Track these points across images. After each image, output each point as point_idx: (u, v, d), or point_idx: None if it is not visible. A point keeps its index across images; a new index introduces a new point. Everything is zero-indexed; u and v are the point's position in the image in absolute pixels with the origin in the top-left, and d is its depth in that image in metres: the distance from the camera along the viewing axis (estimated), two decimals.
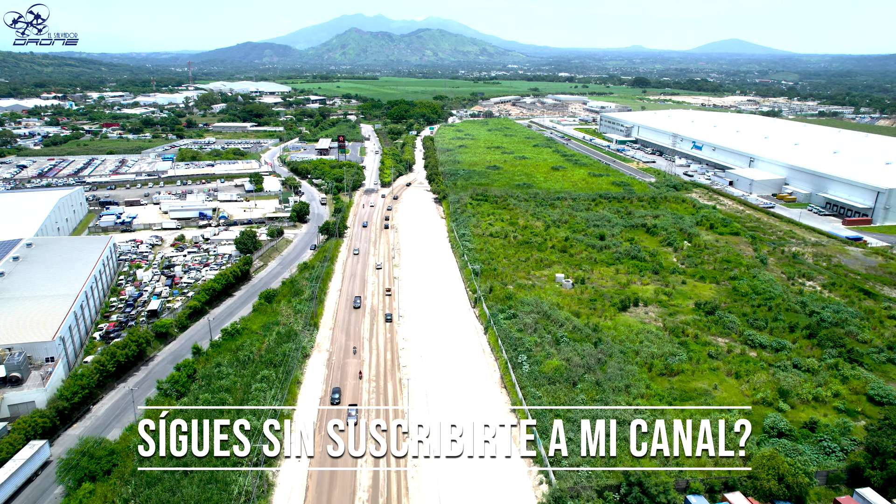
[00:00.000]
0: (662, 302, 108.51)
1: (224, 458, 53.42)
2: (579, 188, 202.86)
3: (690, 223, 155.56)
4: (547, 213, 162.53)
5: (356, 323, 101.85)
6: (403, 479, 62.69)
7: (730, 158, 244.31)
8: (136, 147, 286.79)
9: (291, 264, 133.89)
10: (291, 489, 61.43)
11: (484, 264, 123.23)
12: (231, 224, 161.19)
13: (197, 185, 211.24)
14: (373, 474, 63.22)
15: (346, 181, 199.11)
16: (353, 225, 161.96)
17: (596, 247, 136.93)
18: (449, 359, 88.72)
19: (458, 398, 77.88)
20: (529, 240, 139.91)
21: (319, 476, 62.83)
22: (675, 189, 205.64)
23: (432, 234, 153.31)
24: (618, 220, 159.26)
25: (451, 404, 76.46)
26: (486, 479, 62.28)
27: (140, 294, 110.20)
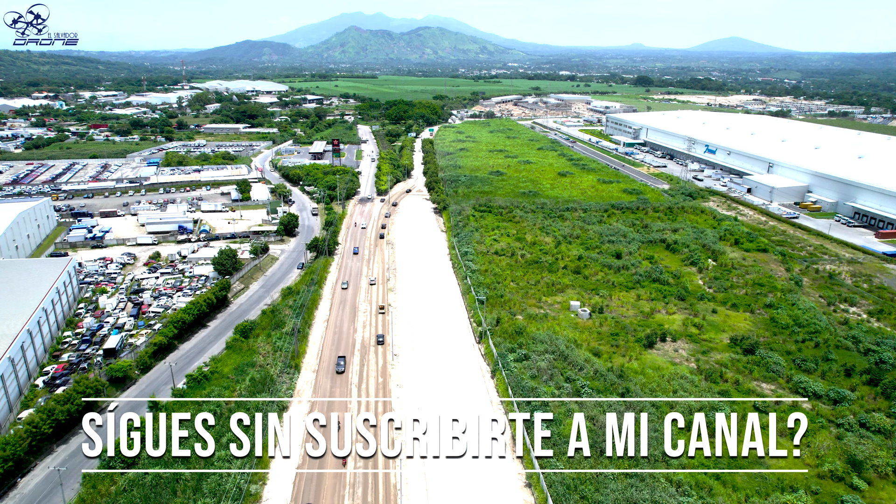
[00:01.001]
0: (693, 336, 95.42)
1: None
2: (589, 196, 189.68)
3: (713, 238, 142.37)
4: (557, 227, 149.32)
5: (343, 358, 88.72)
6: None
7: (746, 163, 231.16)
8: (121, 150, 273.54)
9: (275, 287, 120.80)
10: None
11: (489, 289, 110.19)
12: (212, 239, 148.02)
13: (181, 192, 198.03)
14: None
15: (340, 190, 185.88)
16: (345, 240, 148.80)
17: (612, 267, 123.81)
18: (452, 414, 75.55)
19: (463, 471, 64.79)
20: (539, 259, 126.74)
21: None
22: (691, 197, 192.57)
23: (432, 250, 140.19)
24: (634, 234, 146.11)
25: (455, 480, 63.37)
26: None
27: (100, 326, 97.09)
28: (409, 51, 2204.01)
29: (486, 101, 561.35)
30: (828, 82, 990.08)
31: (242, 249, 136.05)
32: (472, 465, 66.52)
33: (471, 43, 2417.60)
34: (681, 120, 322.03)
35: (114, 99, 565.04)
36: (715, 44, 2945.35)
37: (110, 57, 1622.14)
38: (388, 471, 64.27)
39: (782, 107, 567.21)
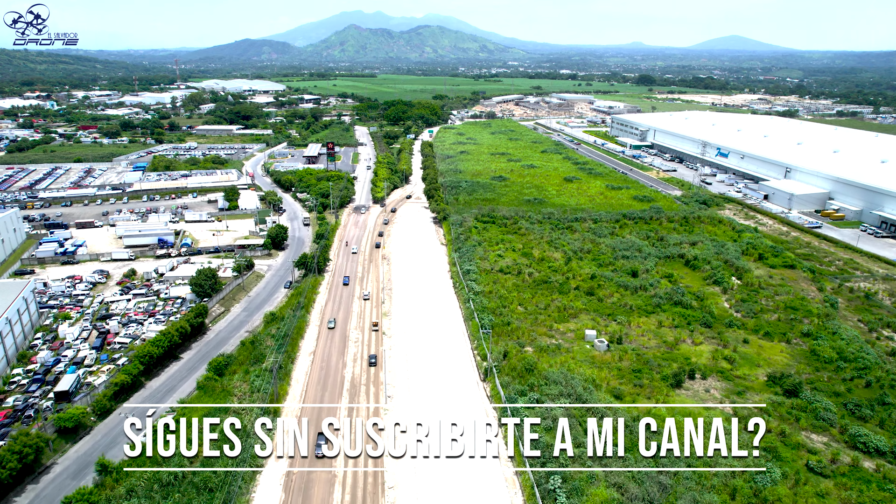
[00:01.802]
0: (724, 372, 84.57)
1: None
2: (598, 204, 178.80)
3: (735, 253, 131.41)
4: (565, 241, 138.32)
5: (329, 411, 77.78)
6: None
7: (761, 168, 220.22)
8: (108, 154, 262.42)
9: (259, 310, 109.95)
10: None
11: (495, 314, 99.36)
12: (194, 253, 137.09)
13: (165, 200, 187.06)
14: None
15: (333, 198, 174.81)
16: (337, 255, 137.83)
17: (629, 287, 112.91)
18: (454, 475, 64.93)
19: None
20: (548, 278, 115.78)
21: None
22: (706, 205, 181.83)
23: (431, 267, 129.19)
24: (649, 248, 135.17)
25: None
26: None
27: (57, 360, 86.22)
28: (408, 49, 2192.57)
29: (486, 101, 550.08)
30: (830, 81, 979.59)
31: (225, 266, 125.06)
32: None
33: (471, 41, 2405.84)
34: (689, 121, 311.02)
35: (107, 99, 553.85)
36: (715, 42, 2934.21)
37: (109, 56, 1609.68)
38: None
39: (788, 106, 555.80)
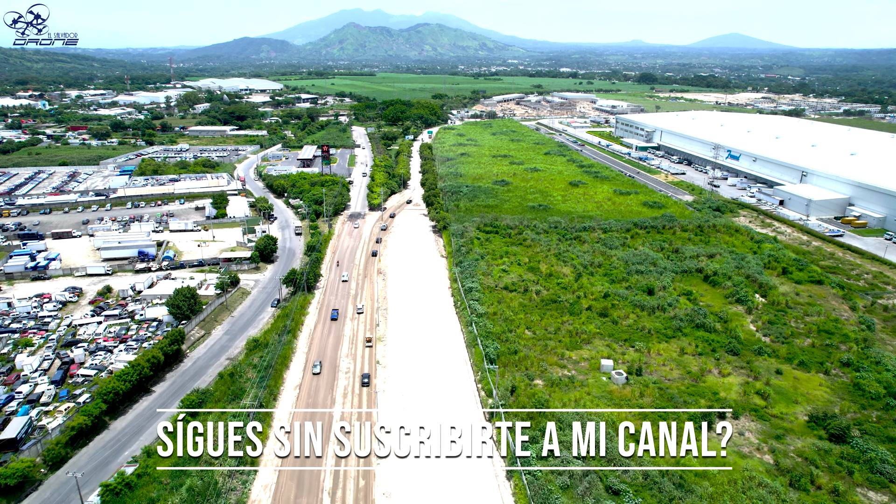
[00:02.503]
0: (759, 411, 75.38)
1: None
2: (606, 211, 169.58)
3: (757, 266, 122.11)
4: (574, 253, 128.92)
5: (314, 461, 68.56)
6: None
7: (775, 171, 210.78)
8: (95, 157, 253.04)
9: (243, 333, 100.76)
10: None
11: (500, 340, 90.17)
12: (176, 267, 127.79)
13: (150, 207, 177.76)
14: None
15: (327, 205, 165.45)
16: (329, 269, 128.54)
17: (645, 308, 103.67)
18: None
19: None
20: (557, 297, 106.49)
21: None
22: (719, 212, 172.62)
23: (430, 283, 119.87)
24: (664, 261, 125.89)
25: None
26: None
27: (10, 398, 76.99)
28: (408, 48, 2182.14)
29: (487, 101, 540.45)
30: (832, 79, 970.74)
31: (207, 283, 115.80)
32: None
33: (470, 40, 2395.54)
34: (696, 122, 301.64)
35: (100, 98, 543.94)
36: (715, 40, 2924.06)
37: (107, 54, 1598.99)
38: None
39: (794, 105, 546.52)
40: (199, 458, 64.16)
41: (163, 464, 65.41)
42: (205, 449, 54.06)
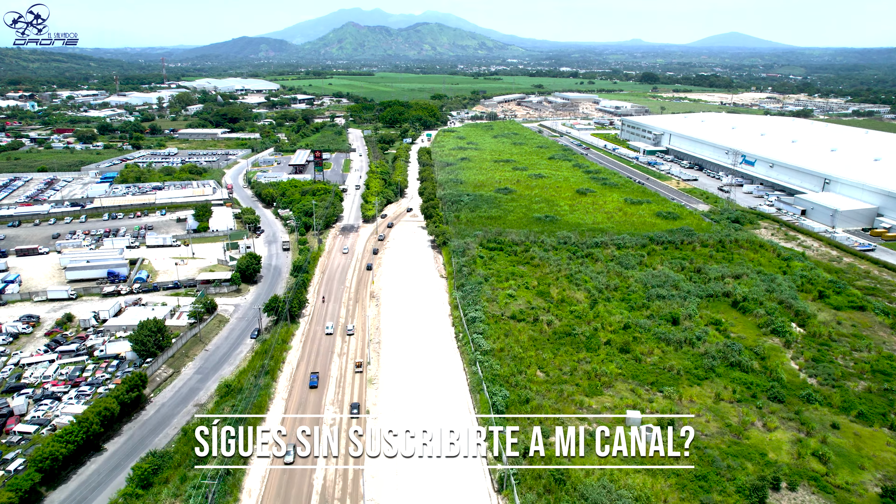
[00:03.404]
0: (819, 480, 63.58)
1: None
2: (618, 223, 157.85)
3: (789, 290, 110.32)
4: (587, 275, 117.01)
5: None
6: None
7: (794, 178, 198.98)
8: (77, 162, 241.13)
9: (217, 371, 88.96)
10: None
11: (508, 384, 78.38)
12: (149, 290, 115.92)
13: (129, 218, 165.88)
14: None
15: (317, 217, 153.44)
16: (317, 292, 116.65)
17: (671, 341, 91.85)
18: None
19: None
20: (572, 328, 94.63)
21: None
22: (738, 223, 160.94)
23: (429, 309, 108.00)
24: (686, 284, 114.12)
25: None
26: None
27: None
28: (407, 47, 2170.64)
29: (487, 101, 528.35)
30: (835, 78, 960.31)
31: (180, 312, 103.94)
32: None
33: (469, 39, 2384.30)
34: (706, 124, 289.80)
35: (91, 99, 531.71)
36: (715, 39, 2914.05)
37: (104, 54, 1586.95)
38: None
39: (801, 105, 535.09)
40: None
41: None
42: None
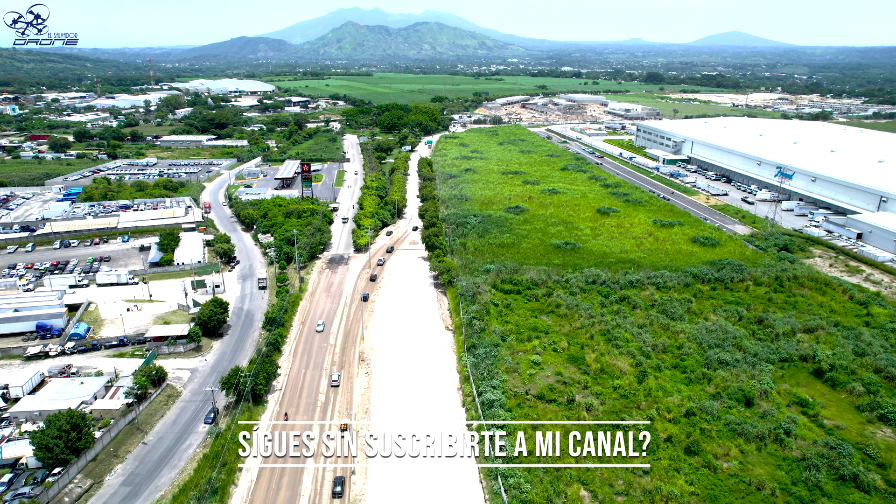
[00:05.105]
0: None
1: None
2: (649, 251, 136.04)
3: (883, 350, 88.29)
4: (628, 331, 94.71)
5: None
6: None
7: (841, 194, 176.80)
8: (43, 174, 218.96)
9: (150, 481, 66.95)
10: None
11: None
12: (87, 349, 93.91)
13: (84, 246, 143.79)
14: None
15: (300, 249, 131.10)
16: (292, 353, 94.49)
17: (750, 435, 69.78)
18: None
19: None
20: (620, 416, 72.48)
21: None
22: (787, 251, 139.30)
23: (432, 380, 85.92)
24: (749, 340, 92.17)
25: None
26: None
27: None
28: (406, 46, 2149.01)
29: (490, 104, 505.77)
30: (841, 78, 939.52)
31: (116, 387, 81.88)
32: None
33: (469, 38, 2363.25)
34: (730, 130, 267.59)
35: (78, 102, 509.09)
36: (715, 38, 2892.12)
37: (101, 54, 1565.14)
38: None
39: (818, 107, 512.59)
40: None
41: None
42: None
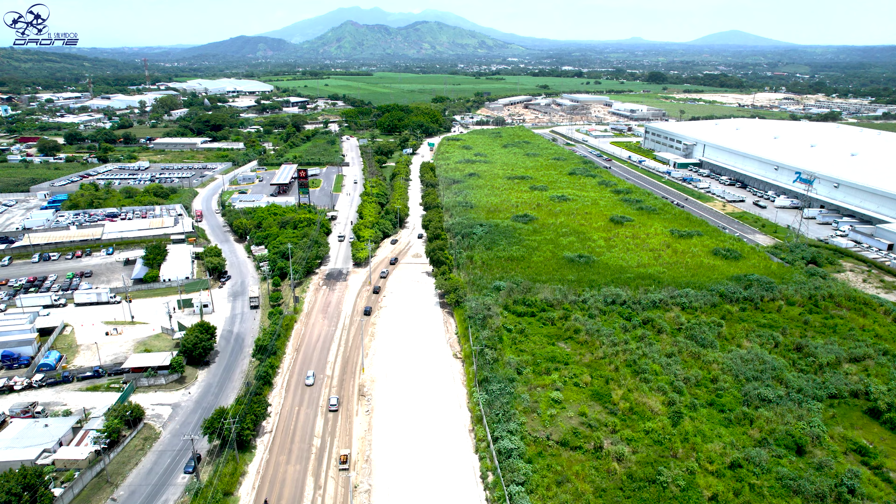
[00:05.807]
0: None
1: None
2: (668, 264, 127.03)
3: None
4: (656, 361, 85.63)
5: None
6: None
7: (868, 202, 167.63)
8: (29, 179, 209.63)
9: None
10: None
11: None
12: (57, 381, 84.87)
13: (65, 260, 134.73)
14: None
15: (295, 264, 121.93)
16: (284, 388, 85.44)
17: (805, 492, 60.80)
18: None
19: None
20: (656, 470, 63.42)
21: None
22: (816, 264, 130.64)
23: (440, 422, 76.90)
24: (788, 370, 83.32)
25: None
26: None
27: None
28: (406, 46, 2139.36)
29: (492, 104, 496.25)
30: (843, 77, 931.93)
31: (86, 431, 72.81)
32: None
33: (469, 37, 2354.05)
34: (742, 132, 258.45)
35: (72, 102, 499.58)
36: (715, 37, 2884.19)
37: (101, 53, 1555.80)
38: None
39: (825, 107, 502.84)
40: None
41: None
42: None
